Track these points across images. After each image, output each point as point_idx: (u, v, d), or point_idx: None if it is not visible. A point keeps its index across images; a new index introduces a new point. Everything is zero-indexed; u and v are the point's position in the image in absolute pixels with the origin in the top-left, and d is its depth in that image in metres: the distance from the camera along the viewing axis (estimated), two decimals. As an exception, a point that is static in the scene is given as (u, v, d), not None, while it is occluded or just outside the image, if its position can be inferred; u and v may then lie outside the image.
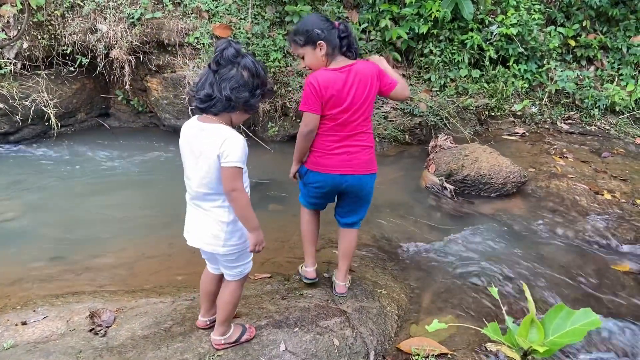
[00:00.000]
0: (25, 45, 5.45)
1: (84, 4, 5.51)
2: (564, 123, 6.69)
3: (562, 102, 6.77)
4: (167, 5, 5.64)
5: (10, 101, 5.35)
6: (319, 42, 2.57)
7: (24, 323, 2.57)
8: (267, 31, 5.91)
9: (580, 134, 6.54)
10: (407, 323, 2.91)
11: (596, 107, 6.66)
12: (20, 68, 5.47)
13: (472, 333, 2.75)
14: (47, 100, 5.58)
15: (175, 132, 5.91)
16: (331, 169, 2.67)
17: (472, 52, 6.37)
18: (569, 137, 6.43)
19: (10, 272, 3.24)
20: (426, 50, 6.30)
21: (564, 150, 5.92)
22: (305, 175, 2.78)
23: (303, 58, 2.67)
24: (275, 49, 5.80)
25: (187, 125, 2.15)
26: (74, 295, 2.85)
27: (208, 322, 2.51)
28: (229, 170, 2.03)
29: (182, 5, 5.71)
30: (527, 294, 1.54)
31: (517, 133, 6.38)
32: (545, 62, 6.75)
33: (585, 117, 6.71)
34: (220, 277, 2.37)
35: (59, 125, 5.66)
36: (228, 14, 5.87)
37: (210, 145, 2.03)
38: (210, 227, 2.16)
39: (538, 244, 3.93)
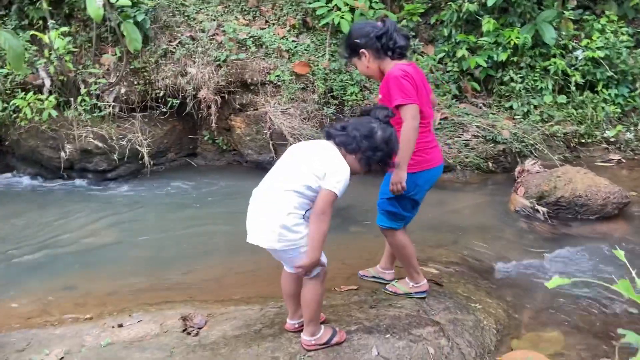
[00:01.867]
0: (122, 90, 5.92)
1: (176, 50, 5.95)
2: (665, 149, 6.20)
3: (660, 127, 6.31)
4: (250, 47, 5.97)
5: (109, 141, 5.76)
6: (361, 50, 2.61)
7: (120, 325, 2.63)
8: (344, 67, 6.06)
9: (684, 159, 6.02)
10: (507, 337, 2.69)
11: (701, 130, 6.14)
12: (119, 111, 5.92)
13: (583, 348, 2.49)
14: (141, 140, 5.96)
15: (257, 167, 6.08)
16: (437, 162, 2.72)
17: (556, 77, 6.15)
18: (671, 164, 5.93)
19: (106, 286, 3.37)
20: (506, 78, 6.16)
21: (668, 174, 5.46)
22: (408, 182, 2.58)
23: None
24: (352, 83, 5.91)
25: (304, 142, 2.36)
26: (166, 303, 2.90)
27: (297, 325, 2.45)
28: (329, 193, 2.12)
29: (264, 46, 6.01)
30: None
31: (612, 160, 5.97)
32: (638, 85, 6.37)
33: (689, 141, 6.19)
34: (299, 276, 2.32)
35: (152, 163, 5.98)
36: (307, 53, 6.10)
37: (323, 159, 2.17)
38: (271, 222, 2.16)
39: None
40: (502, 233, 4.17)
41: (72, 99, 5.67)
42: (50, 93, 5.59)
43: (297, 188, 2.14)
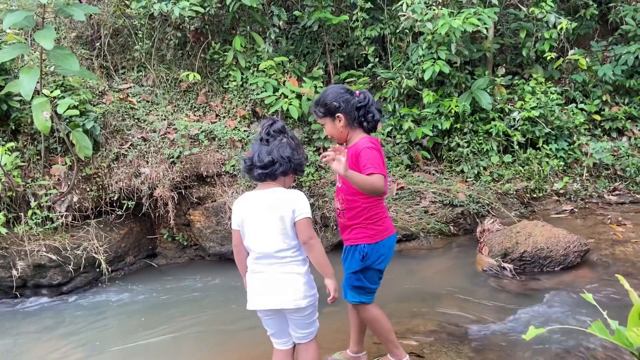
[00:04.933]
0: (75, 199, 5.79)
1: (128, 152, 5.95)
2: (612, 195, 6.49)
3: (603, 174, 6.64)
4: (203, 142, 6.04)
5: (63, 252, 5.53)
6: (337, 114, 2.68)
7: None
8: (298, 150, 6.18)
9: (631, 202, 6.31)
10: (497, 404, 2.59)
11: (640, 175, 6.50)
12: (72, 220, 5.76)
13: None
14: (97, 247, 5.75)
15: (220, 260, 5.94)
16: (392, 230, 2.78)
17: (499, 139, 6.46)
18: (620, 208, 6.21)
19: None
20: (453, 144, 6.42)
21: (620, 218, 5.68)
22: (372, 253, 2.66)
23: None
24: (308, 164, 6.01)
25: (246, 196, 2.41)
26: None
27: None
28: (304, 220, 2.29)
29: (216, 139, 6.10)
30: (627, 285, 1.36)
31: (566, 210, 6.18)
32: (575, 138, 6.75)
33: (632, 186, 6.52)
34: (292, 353, 2.31)
35: (110, 270, 5.74)
36: (259, 141, 6.21)
37: (284, 203, 2.29)
38: (288, 284, 2.26)
39: (621, 308, 3.58)
40: (474, 295, 4.15)
41: (22, 213, 5.49)
42: (-1, 210, 5.40)
43: (285, 245, 2.29)
